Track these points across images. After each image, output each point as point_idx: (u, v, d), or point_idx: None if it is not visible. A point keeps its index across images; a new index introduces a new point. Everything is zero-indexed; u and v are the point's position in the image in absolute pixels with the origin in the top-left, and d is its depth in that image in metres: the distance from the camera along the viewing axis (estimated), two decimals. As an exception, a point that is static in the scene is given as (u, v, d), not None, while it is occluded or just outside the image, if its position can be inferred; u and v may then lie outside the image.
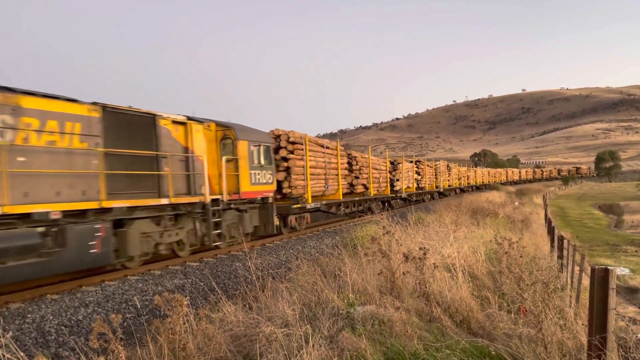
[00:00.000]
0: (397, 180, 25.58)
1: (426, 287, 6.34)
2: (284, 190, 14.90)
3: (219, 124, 12.23)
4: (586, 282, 5.40)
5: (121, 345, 4.26)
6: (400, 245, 7.98)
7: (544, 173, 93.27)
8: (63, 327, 6.65)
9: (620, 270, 14.40)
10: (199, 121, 11.35)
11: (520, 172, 75.65)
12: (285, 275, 8.76)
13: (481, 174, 55.56)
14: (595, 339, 4.03)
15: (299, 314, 5.56)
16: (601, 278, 4.11)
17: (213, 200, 11.23)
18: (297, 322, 5.16)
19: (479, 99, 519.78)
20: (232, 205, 12.03)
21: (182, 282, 9.07)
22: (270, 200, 13.46)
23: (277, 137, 15.20)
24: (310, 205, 15.77)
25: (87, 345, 5.17)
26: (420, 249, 6.70)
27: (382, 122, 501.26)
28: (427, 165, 32.60)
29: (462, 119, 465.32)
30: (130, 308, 7.59)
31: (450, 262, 7.76)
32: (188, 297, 5.10)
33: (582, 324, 5.54)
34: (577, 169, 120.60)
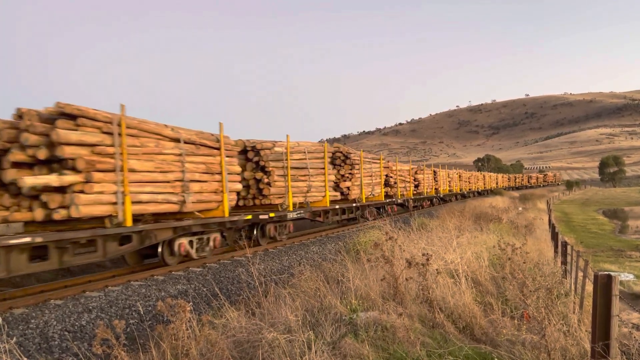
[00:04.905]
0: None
1: (429, 293, 6.33)
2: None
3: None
4: (590, 288, 5.38)
5: (124, 351, 4.27)
6: (403, 251, 7.98)
7: (517, 180, 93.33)
8: (66, 333, 6.66)
9: (625, 276, 14.32)
10: None
11: (497, 178, 74.07)
12: (288, 281, 8.75)
13: (446, 179, 36.88)
14: (598, 345, 4.02)
15: (301, 320, 5.56)
16: (604, 284, 4.10)
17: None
18: (300, 328, 5.16)
19: (482, 104, 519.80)
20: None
21: (185, 287, 9.08)
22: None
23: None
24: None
25: (90, 350, 5.20)
26: (423, 254, 6.70)
27: (385, 127, 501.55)
28: (266, 149, 13.60)
29: (465, 124, 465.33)
30: (133, 313, 7.60)
31: (453, 267, 7.74)
32: (191, 303, 5.11)
33: (586, 331, 5.52)
34: (545, 175, 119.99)
